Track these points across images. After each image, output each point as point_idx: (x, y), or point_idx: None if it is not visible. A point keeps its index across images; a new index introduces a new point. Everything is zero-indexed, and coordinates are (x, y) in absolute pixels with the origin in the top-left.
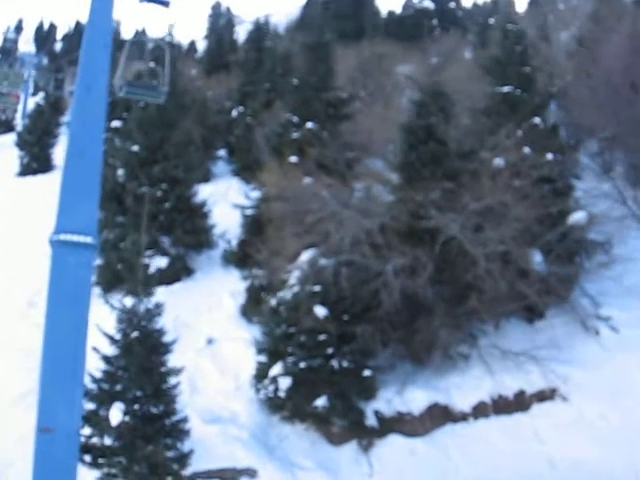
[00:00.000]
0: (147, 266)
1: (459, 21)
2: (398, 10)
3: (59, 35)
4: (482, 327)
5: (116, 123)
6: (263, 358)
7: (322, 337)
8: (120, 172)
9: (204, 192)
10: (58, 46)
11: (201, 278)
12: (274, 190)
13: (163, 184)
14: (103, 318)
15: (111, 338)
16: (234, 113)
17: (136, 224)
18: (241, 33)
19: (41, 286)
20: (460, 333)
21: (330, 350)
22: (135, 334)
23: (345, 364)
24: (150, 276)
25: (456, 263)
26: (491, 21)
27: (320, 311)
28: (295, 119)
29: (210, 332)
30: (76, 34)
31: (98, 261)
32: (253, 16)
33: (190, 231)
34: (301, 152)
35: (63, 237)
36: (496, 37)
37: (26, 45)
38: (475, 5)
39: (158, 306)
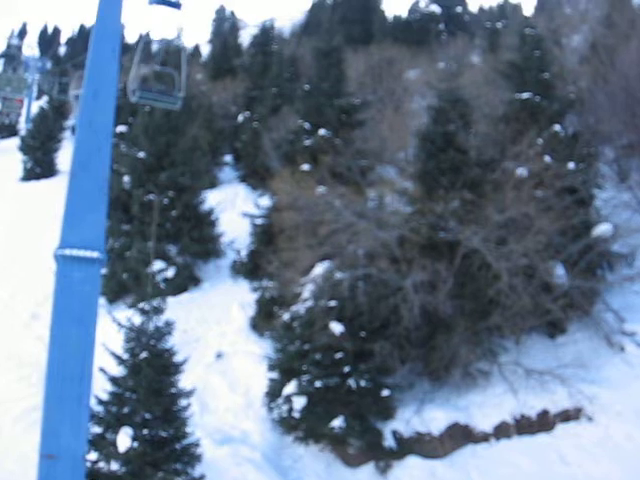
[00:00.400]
0: (154, 276)
1: (466, 26)
2: (404, 15)
3: (63, 39)
4: (502, 343)
5: (121, 128)
6: (275, 375)
7: (338, 355)
8: (126, 179)
9: (210, 199)
10: (62, 50)
11: (209, 288)
12: (286, 199)
13: (170, 191)
14: (110, 336)
15: (119, 358)
16: (240, 118)
17: (142, 232)
18: (245, 37)
19: (44, 297)
20: (479, 349)
21: (347, 368)
22: (144, 354)
23: (362, 383)
24: (156, 286)
25: (477, 277)
26: (498, 25)
27: (336, 327)
28: (307, 126)
29: (219, 346)
30: (80, 38)
31: (103, 270)
32: (256, 20)
33: (197, 240)
34: (314, 160)
35: (68, 252)
36: (512, 42)
37: (30, 49)
38: (481, 10)
39: (168, 324)
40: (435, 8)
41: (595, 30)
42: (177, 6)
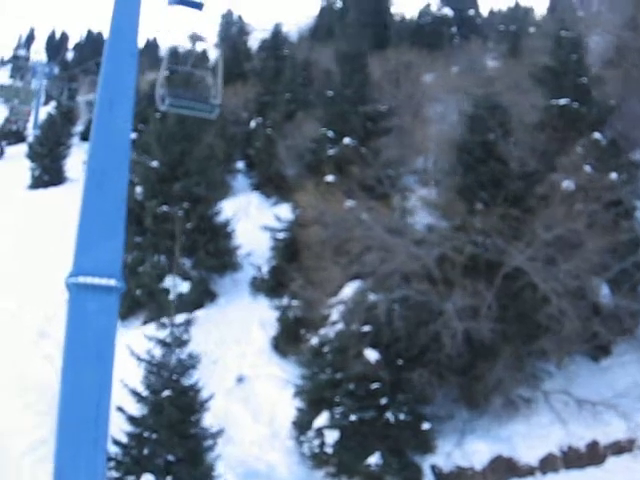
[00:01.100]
0: (173, 299)
1: (478, 29)
2: (413, 18)
3: (71, 44)
4: (544, 367)
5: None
6: (303, 405)
7: (374, 385)
8: (138, 189)
9: (224, 208)
10: (69, 55)
11: (225, 304)
12: (310, 213)
13: (184, 203)
14: (126, 366)
15: (138, 395)
16: (252, 124)
17: (155, 245)
18: (251, 42)
19: (53, 312)
20: (521, 374)
21: (383, 400)
22: (167, 392)
23: (401, 416)
24: (171, 303)
25: (522, 299)
26: (512, 28)
27: (371, 355)
28: (330, 134)
29: (239, 369)
30: (88, 43)
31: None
32: (262, 25)
33: (213, 253)
34: (339, 170)
35: (82, 280)
36: (534, 44)
37: (37, 55)
38: (492, 13)
39: (192, 357)
40: (447, 11)
41: (615, 33)
42: (199, 6)
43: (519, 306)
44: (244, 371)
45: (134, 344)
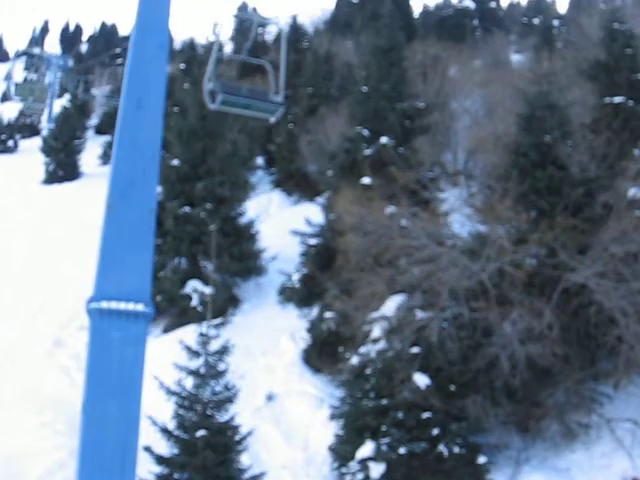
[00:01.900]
0: (190, 298)
1: (500, 21)
2: (433, 10)
3: (85, 37)
4: (602, 389)
5: None
6: (341, 430)
7: (425, 414)
8: (158, 189)
9: (247, 209)
10: (84, 48)
11: (250, 310)
12: (348, 218)
13: (207, 203)
14: (152, 395)
15: (169, 433)
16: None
17: (176, 249)
18: (267, 35)
19: (69, 319)
20: (577, 397)
21: (435, 430)
22: (202, 432)
23: (456, 449)
24: (192, 310)
25: (584, 319)
26: (536, 21)
27: (421, 379)
28: (365, 132)
29: (269, 385)
30: (102, 36)
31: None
32: (276, 18)
33: (237, 256)
34: (375, 172)
35: (105, 305)
36: (581, 38)
37: (52, 47)
38: (512, 5)
39: (229, 388)
40: (469, 3)
41: None
42: None
43: (580, 326)
44: (274, 388)
45: (155, 359)
